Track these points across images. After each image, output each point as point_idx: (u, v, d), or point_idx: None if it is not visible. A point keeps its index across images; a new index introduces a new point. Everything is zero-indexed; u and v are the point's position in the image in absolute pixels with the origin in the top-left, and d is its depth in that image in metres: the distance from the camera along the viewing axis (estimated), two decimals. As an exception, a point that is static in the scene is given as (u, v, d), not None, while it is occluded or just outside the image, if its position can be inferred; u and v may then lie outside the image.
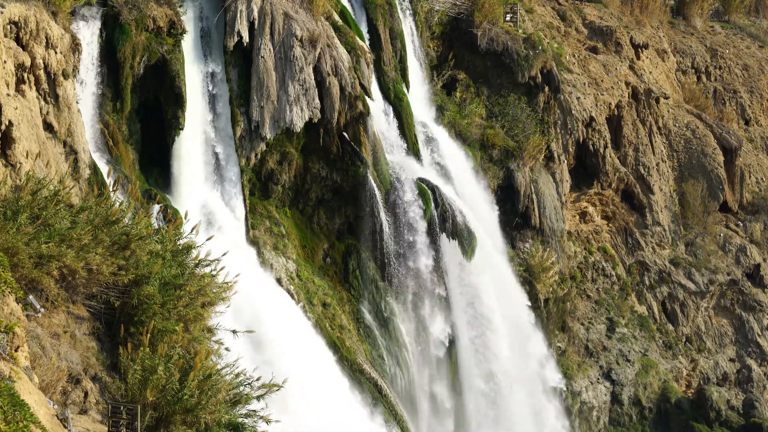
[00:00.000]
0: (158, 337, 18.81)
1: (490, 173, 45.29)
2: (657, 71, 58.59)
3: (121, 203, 21.25)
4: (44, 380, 16.71)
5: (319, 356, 35.03)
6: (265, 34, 36.51)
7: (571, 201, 51.27)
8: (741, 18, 70.31)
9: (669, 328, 52.82)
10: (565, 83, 50.24)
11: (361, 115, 38.54)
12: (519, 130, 46.52)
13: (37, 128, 26.62)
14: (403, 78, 42.92)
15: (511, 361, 42.98)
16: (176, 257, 20.98)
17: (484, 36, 47.11)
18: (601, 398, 48.67)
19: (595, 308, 50.83)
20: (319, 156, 38.65)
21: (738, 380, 53.51)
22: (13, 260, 17.71)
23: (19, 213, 18.55)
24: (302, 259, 38.25)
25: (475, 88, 47.62)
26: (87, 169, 29.79)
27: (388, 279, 39.36)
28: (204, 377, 17.95)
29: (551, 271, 46.45)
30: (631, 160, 53.70)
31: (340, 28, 39.50)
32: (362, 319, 38.83)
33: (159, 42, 33.69)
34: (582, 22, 57.29)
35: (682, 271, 54.02)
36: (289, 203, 38.71)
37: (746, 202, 58.90)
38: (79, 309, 19.68)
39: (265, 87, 36.38)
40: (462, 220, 40.60)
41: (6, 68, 25.72)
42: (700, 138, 57.44)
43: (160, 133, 34.56)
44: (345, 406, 34.38)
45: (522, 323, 44.38)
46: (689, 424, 49.45)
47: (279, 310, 34.63)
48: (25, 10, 27.38)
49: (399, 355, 39.14)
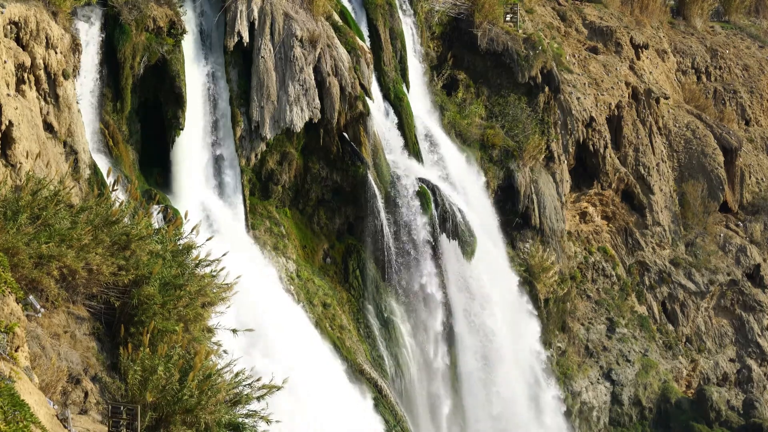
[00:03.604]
0: (158, 337, 18.80)
1: (490, 173, 45.29)
2: (657, 71, 58.60)
3: (121, 203, 21.23)
4: (44, 380, 16.70)
5: (319, 356, 35.01)
6: (265, 34, 36.51)
7: (571, 201, 51.27)
8: (741, 18, 70.32)
9: (669, 329, 52.83)
10: (565, 83, 50.23)
11: (361, 115, 38.54)
12: (519, 130, 46.53)
13: (37, 128, 26.61)
14: (403, 78, 42.91)
15: (511, 360, 43.00)
16: (176, 257, 20.96)
17: (484, 36, 47.11)
18: (601, 398, 48.67)
19: (595, 308, 50.83)
20: (319, 156, 38.65)
21: (738, 380, 53.51)
22: (13, 260, 17.69)
23: (19, 213, 18.53)
24: (302, 259, 38.25)
25: (475, 88, 47.61)
26: (87, 169, 29.78)
27: (388, 279, 39.35)
28: (204, 377, 17.96)
29: (551, 271, 46.46)
30: (631, 160, 53.70)
31: (340, 28, 39.50)
32: (362, 320, 38.83)
33: (159, 42, 33.68)
34: (582, 23, 57.30)
35: (682, 271, 54.02)
36: (289, 203, 38.70)
37: (746, 203, 58.91)
38: (79, 309, 19.67)
39: (265, 87, 36.37)
40: (462, 220, 40.59)
41: (6, 68, 25.72)
42: (700, 138, 57.44)
43: (160, 133, 34.55)
44: (345, 406, 34.36)
45: (522, 324, 44.40)
46: (689, 425, 49.46)
47: (279, 310, 34.61)
48: (25, 10, 27.37)
49: (399, 355, 39.13)
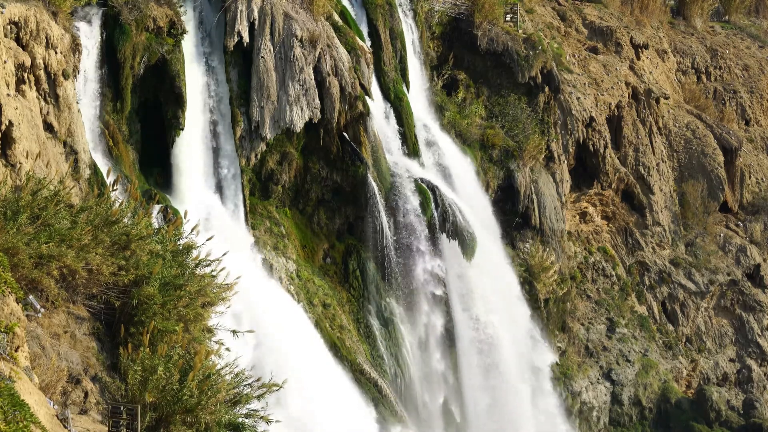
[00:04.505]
0: (158, 337, 18.80)
1: (490, 173, 45.29)
2: (657, 71, 58.59)
3: (121, 203, 21.23)
4: (44, 380, 16.70)
5: (319, 356, 35.02)
6: (265, 35, 36.51)
7: (571, 201, 51.26)
8: (741, 18, 70.31)
9: (669, 329, 52.82)
10: (565, 83, 50.23)
11: (361, 115, 38.54)
12: (519, 130, 46.52)
13: (37, 128, 26.62)
14: (403, 78, 42.90)
15: (512, 360, 43.00)
16: (176, 257, 20.96)
17: (484, 36, 47.10)
18: (601, 398, 48.66)
19: (595, 308, 50.82)
20: (319, 156, 38.65)
21: (738, 380, 53.50)
22: (14, 260, 17.69)
23: (19, 213, 18.53)
24: (302, 259, 38.25)
25: (475, 88, 47.60)
26: (87, 169, 29.79)
27: (388, 279, 39.34)
28: (204, 377, 17.96)
29: (551, 271, 46.45)
30: (631, 160, 53.69)
31: (340, 28, 39.50)
32: (362, 319, 38.83)
33: (159, 42, 33.68)
34: (582, 23, 57.28)
35: (682, 272, 54.01)
36: (289, 203, 38.70)
37: (746, 203, 58.89)
38: (79, 309, 19.67)
39: (265, 87, 36.37)
40: (462, 220, 40.59)
41: (6, 68, 25.72)
42: (700, 138, 57.44)
43: (160, 133, 34.55)
44: (344, 406, 34.36)
45: (522, 324, 44.39)
46: (689, 425, 49.45)
47: (279, 310, 34.62)
48: (25, 10, 27.37)
49: (399, 355, 39.13)
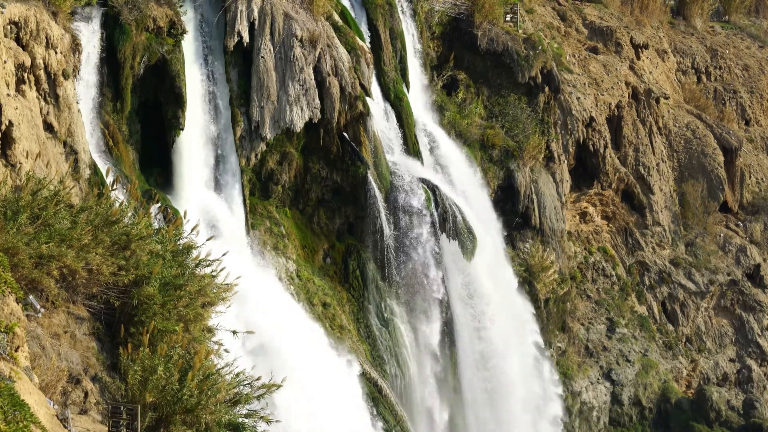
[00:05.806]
0: (158, 337, 18.79)
1: (490, 173, 45.29)
2: (657, 71, 58.60)
3: (121, 203, 21.23)
4: (44, 380, 16.70)
5: (319, 356, 35.01)
6: (265, 35, 36.50)
7: (571, 201, 51.27)
8: (741, 18, 70.34)
9: (669, 329, 52.82)
10: (565, 83, 50.23)
11: (361, 115, 38.54)
12: (519, 130, 46.52)
13: (37, 128, 26.61)
14: (403, 78, 42.90)
15: (512, 360, 43.00)
16: (176, 257, 20.95)
17: (484, 36, 47.11)
18: (601, 398, 48.67)
19: (595, 308, 50.82)
20: (319, 156, 38.65)
21: (738, 380, 53.51)
22: (14, 260, 17.69)
23: (19, 213, 18.53)
24: (302, 259, 38.25)
25: (475, 88, 47.61)
26: (87, 169, 29.77)
27: (388, 279, 39.35)
28: (204, 377, 17.96)
29: (551, 271, 46.45)
30: (631, 160, 53.70)
31: (340, 28, 39.50)
32: (362, 320, 38.83)
33: (159, 42, 33.68)
34: (582, 23, 57.29)
35: (682, 271, 54.02)
36: (289, 203, 38.70)
37: (746, 202, 58.91)
38: (79, 309, 19.67)
39: (265, 87, 36.37)
40: (462, 220, 40.59)
41: (6, 68, 25.72)
42: (700, 138, 57.44)
43: (160, 133, 34.55)
44: (344, 406, 34.36)
45: (522, 323, 44.40)
46: (689, 425, 49.46)
47: (279, 310, 34.61)
48: (25, 10, 27.37)
49: (399, 355, 39.13)
